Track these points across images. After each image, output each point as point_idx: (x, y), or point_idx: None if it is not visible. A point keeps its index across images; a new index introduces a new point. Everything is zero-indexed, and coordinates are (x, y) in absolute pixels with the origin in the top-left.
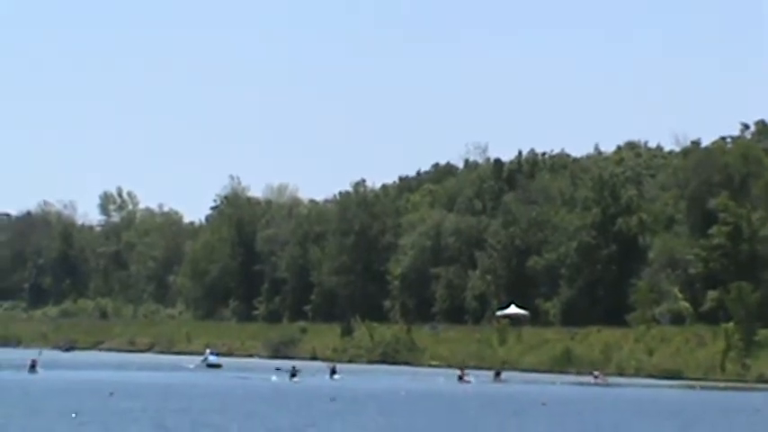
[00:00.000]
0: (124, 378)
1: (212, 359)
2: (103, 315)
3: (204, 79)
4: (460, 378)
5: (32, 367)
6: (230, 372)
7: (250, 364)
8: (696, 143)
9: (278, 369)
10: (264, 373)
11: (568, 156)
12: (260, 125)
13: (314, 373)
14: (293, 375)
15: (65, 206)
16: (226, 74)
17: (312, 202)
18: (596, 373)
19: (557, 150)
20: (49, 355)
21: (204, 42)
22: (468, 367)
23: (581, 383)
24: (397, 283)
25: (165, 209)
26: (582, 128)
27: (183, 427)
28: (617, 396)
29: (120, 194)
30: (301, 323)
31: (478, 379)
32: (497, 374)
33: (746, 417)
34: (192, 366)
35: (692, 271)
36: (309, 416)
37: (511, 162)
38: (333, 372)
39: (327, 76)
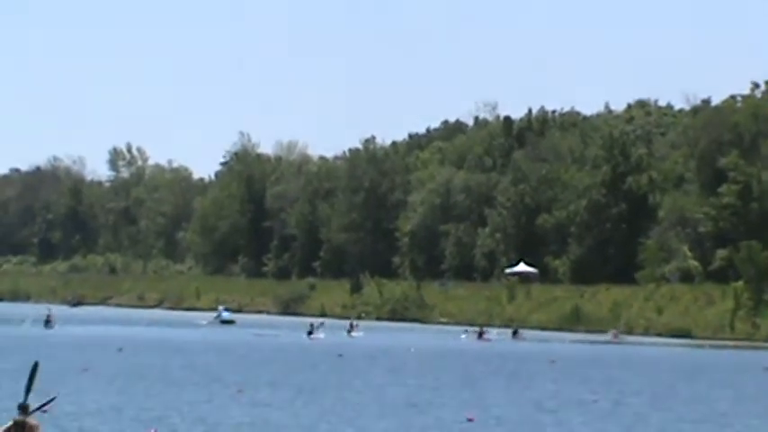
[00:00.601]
0: (137, 334)
1: (225, 315)
2: (112, 270)
3: (214, 35)
4: (480, 336)
5: (47, 323)
6: (243, 328)
7: (263, 321)
8: (706, 102)
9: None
10: (278, 330)
11: (578, 114)
12: (270, 82)
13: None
14: (310, 333)
15: (74, 162)
16: (235, 30)
17: (322, 158)
18: (614, 331)
19: (567, 108)
20: (57, 309)
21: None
22: (485, 325)
23: (597, 342)
24: (406, 240)
25: (175, 165)
26: (592, 86)
27: (192, 381)
28: (637, 354)
29: (129, 150)
30: (310, 280)
31: (498, 336)
32: (515, 333)
33: (755, 375)
34: (204, 323)
35: (701, 229)
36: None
37: (521, 120)
38: (350, 328)
39: (337, 32)
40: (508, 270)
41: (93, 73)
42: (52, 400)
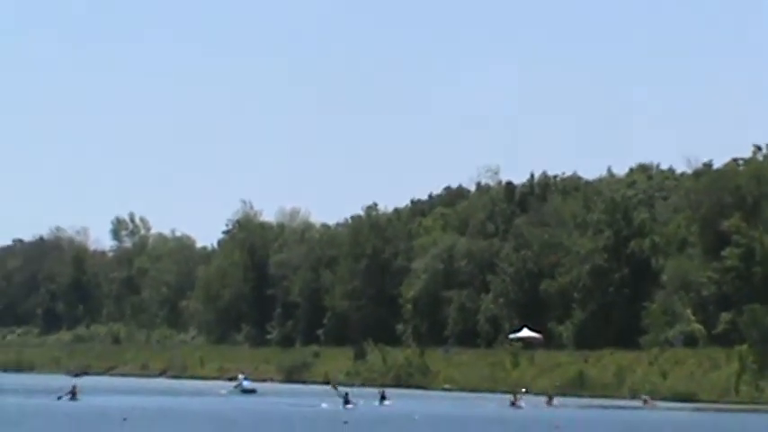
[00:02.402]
0: (167, 404)
1: (246, 384)
2: (116, 340)
3: (215, 104)
4: (513, 403)
5: (73, 395)
6: (269, 397)
7: (285, 390)
8: (708, 165)
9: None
10: (306, 399)
11: (580, 178)
12: (271, 149)
13: (364, 399)
14: (347, 402)
15: (77, 232)
16: (236, 98)
17: (324, 226)
18: (645, 397)
19: (569, 173)
20: (61, 380)
21: (214, 65)
22: (518, 392)
23: (629, 408)
24: (409, 306)
25: (178, 234)
26: (594, 151)
27: None
28: (645, 419)
29: (132, 220)
30: (314, 347)
31: (529, 404)
32: (550, 399)
33: None
34: (224, 392)
35: (705, 293)
36: None
37: (523, 185)
38: (383, 397)
39: (338, 99)
40: (512, 335)
41: (95, 143)
42: None
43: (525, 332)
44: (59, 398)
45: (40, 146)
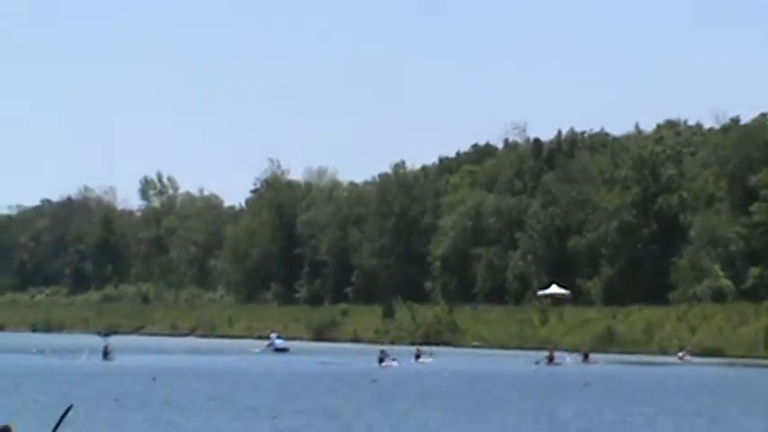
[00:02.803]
0: (197, 363)
1: (278, 343)
2: (145, 300)
3: (243, 61)
4: (550, 360)
5: (106, 354)
6: (302, 356)
7: (314, 348)
8: (735, 120)
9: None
10: (342, 357)
11: (608, 135)
12: (299, 108)
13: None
14: (381, 360)
15: (105, 192)
16: (264, 56)
17: (352, 184)
18: (681, 353)
19: (596, 129)
20: (90, 340)
21: (241, 23)
22: (556, 349)
23: (666, 364)
24: (437, 264)
25: (206, 193)
26: (621, 106)
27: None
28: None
29: (159, 179)
30: (343, 305)
31: (570, 361)
32: (585, 357)
33: None
34: (257, 350)
35: (733, 248)
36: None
37: (550, 142)
38: (417, 355)
39: (365, 57)
40: (540, 292)
41: (123, 102)
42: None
43: (554, 289)
44: (91, 357)
45: (67, 106)
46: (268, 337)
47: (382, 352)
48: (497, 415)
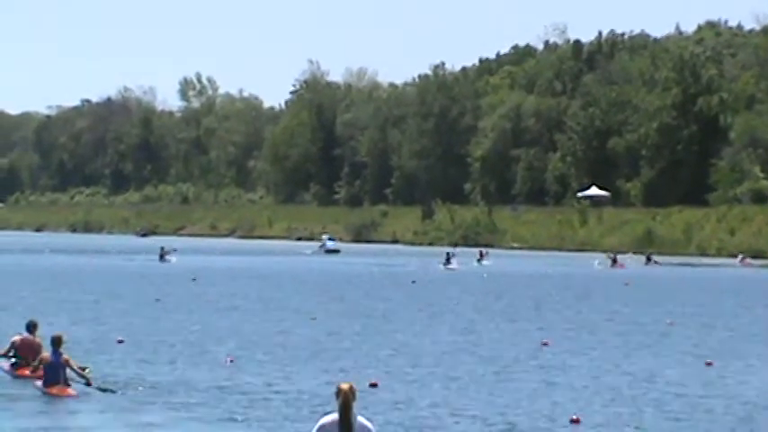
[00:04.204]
0: (258, 264)
1: (330, 245)
2: (184, 200)
3: None
4: (614, 262)
5: (162, 256)
6: (353, 257)
7: (368, 250)
8: None
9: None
10: (401, 258)
11: (648, 36)
12: (339, 8)
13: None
14: (448, 261)
15: (144, 92)
16: None
17: (391, 85)
18: (742, 256)
19: (636, 31)
20: (126, 239)
21: None
22: (620, 252)
23: (727, 266)
24: (477, 165)
25: (245, 94)
26: (662, 8)
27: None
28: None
29: (199, 80)
30: (382, 206)
31: (632, 263)
32: (648, 259)
33: None
34: (309, 252)
35: None
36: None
37: (590, 43)
38: (480, 257)
39: None
40: (580, 193)
41: (162, 3)
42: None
43: (593, 190)
44: (156, 258)
45: (106, 6)
46: (320, 239)
47: (449, 253)
48: (533, 316)
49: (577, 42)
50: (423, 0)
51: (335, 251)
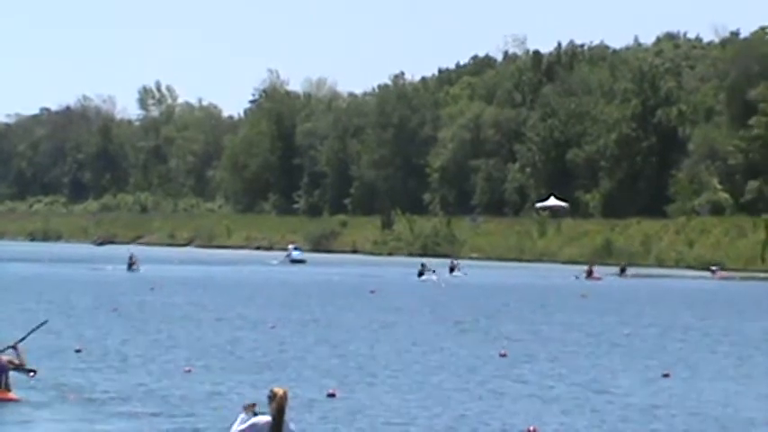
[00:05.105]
0: (217, 274)
1: (296, 255)
2: (143, 209)
3: None
4: (589, 274)
5: (130, 265)
6: (315, 267)
7: (335, 260)
8: (735, 34)
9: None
10: (365, 269)
11: (607, 47)
12: (298, 18)
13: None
14: (421, 274)
15: (104, 101)
16: None
17: (351, 95)
18: (714, 267)
19: (596, 42)
20: (86, 249)
21: None
22: (595, 263)
23: (701, 278)
24: (436, 175)
25: (204, 103)
26: (621, 19)
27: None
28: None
29: (158, 88)
30: (341, 216)
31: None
32: (623, 271)
33: None
34: (275, 262)
35: (731, 162)
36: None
37: (550, 54)
38: (451, 269)
39: None
40: (539, 204)
41: (122, 11)
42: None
43: (552, 201)
44: (116, 269)
45: (67, 14)
46: (287, 249)
47: (422, 265)
48: (491, 327)
49: (537, 53)
50: (383, 10)
51: (302, 261)
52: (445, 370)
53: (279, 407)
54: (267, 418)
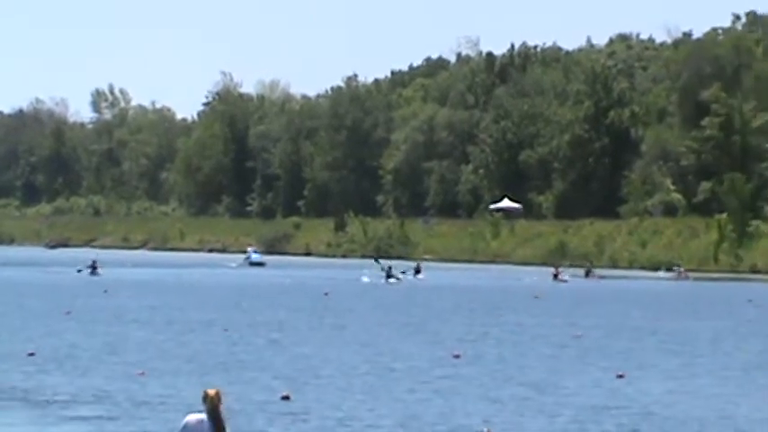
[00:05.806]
0: (177, 277)
1: (255, 257)
2: (96, 212)
3: None
4: (555, 276)
5: (93, 269)
6: (274, 269)
7: (293, 262)
8: (687, 35)
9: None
10: (320, 271)
11: (560, 49)
12: (251, 20)
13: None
14: (389, 276)
15: (56, 104)
16: None
17: (304, 97)
18: (680, 269)
19: (549, 44)
20: (36, 252)
21: None
22: (561, 265)
23: (661, 278)
24: (389, 177)
25: (158, 106)
26: (573, 21)
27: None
28: (626, 288)
29: (111, 91)
30: (295, 219)
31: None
32: (588, 272)
33: (739, 307)
34: (234, 265)
35: (684, 163)
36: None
37: (503, 56)
38: (417, 271)
39: None
40: (492, 206)
41: (74, 14)
42: None
43: (505, 203)
44: (79, 271)
45: (18, 17)
46: (245, 251)
47: (390, 267)
48: (444, 328)
49: (490, 55)
50: (336, 12)
51: (261, 264)
52: (398, 371)
53: (212, 407)
54: (199, 416)
